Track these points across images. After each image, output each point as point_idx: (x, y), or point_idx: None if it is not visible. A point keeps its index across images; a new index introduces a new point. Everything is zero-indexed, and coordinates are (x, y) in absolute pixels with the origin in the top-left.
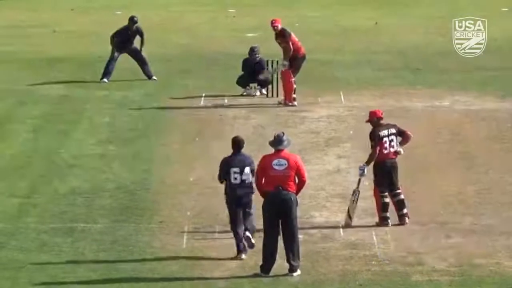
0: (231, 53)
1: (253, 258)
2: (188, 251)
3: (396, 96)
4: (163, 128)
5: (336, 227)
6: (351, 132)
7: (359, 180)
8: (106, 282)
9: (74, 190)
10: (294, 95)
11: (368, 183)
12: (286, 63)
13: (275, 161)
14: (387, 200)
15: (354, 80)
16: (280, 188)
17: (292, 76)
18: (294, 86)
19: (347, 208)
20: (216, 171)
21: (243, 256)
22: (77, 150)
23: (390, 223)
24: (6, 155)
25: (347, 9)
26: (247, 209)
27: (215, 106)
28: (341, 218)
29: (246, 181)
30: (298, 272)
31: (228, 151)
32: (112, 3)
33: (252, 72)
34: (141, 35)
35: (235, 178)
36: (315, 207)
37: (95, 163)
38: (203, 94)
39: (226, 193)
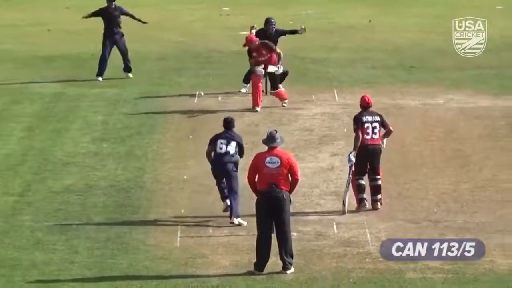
0: (225, 51)
1: (247, 256)
2: (182, 249)
3: (390, 94)
4: (157, 126)
5: (329, 224)
6: (345, 129)
7: (350, 167)
8: (100, 280)
9: (68, 188)
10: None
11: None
12: (277, 67)
13: (267, 159)
14: (363, 182)
15: (348, 77)
16: (273, 186)
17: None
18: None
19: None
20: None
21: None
22: (71, 148)
23: (367, 205)
24: (1, 153)
25: (342, 7)
26: (231, 180)
27: (210, 104)
28: (335, 215)
29: (230, 152)
30: (292, 269)
31: None
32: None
33: (266, 39)
34: (127, 14)
35: (220, 148)
36: (309, 205)
37: (89, 161)
38: (197, 92)
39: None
